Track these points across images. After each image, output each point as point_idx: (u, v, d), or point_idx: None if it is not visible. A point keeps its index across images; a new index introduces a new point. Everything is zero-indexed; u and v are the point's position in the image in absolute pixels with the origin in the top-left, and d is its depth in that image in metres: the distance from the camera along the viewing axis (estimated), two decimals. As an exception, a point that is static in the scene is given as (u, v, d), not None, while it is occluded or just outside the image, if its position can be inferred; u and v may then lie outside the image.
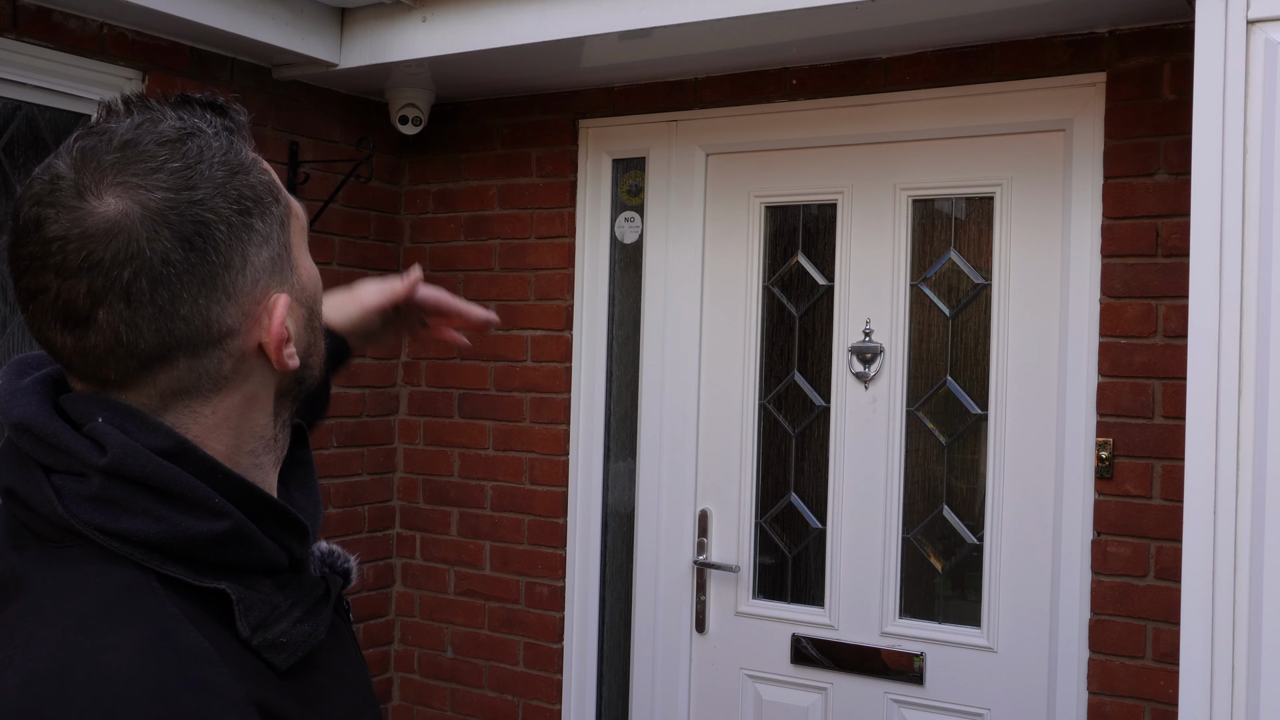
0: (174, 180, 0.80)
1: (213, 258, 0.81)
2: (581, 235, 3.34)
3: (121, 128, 0.81)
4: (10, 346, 2.71)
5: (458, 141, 3.52)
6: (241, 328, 0.83)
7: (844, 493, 2.98)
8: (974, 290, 2.87)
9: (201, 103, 0.86)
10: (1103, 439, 2.63)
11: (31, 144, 2.73)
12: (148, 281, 0.78)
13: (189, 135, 0.82)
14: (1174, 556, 2.54)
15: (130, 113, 0.82)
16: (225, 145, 0.84)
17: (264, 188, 0.86)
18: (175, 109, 0.84)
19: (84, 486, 0.79)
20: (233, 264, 0.82)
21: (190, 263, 0.79)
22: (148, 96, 0.85)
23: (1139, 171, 2.61)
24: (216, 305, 0.81)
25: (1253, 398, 1.93)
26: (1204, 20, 1.99)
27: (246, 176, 0.84)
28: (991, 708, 2.80)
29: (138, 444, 0.79)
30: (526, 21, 2.82)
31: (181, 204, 0.79)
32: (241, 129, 0.87)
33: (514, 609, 3.40)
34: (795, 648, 3.03)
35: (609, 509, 3.35)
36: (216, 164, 0.82)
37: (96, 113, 0.84)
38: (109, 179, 0.79)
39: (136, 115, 0.82)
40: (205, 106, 0.85)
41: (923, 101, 2.88)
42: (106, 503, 0.79)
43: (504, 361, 3.42)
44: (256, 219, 0.84)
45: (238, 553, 0.82)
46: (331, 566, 0.97)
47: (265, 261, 0.85)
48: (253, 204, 0.84)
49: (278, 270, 0.86)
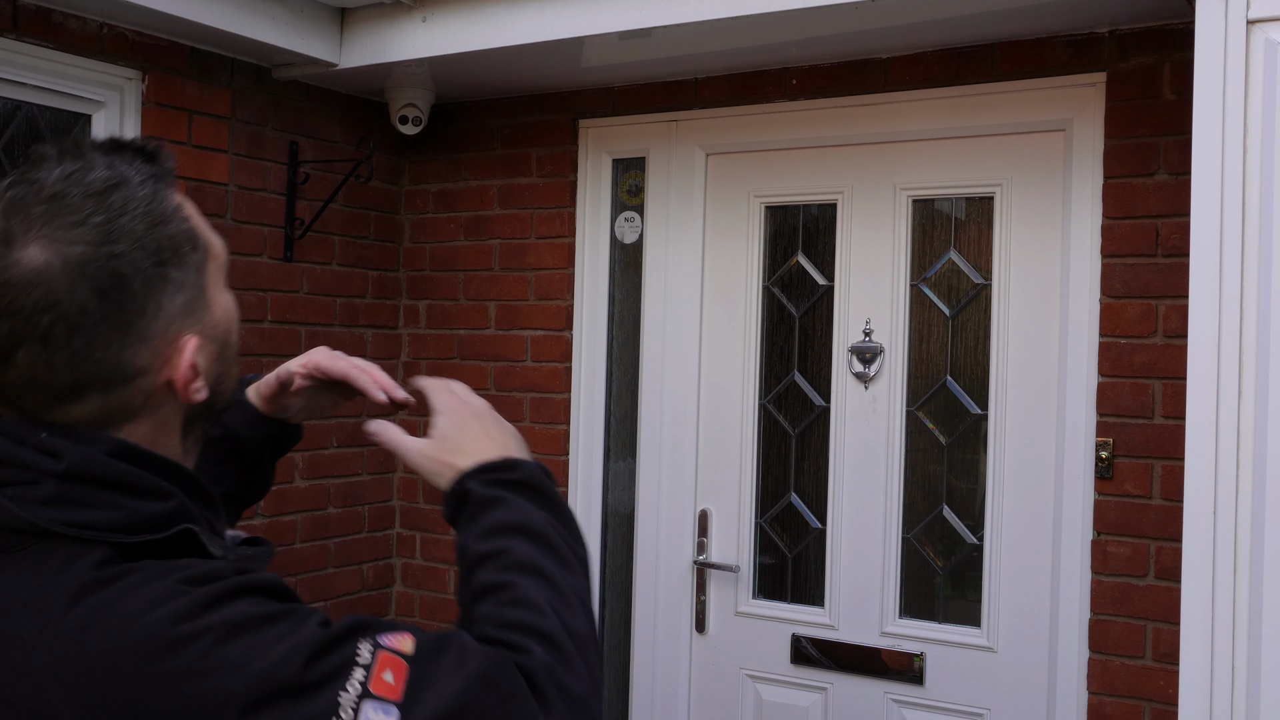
0: (95, 234, 0.86)
1: (128, 306, 0.87)
2: (581, 235, 3.34)
3: (51, 178, 0.87)
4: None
5: (458, 141, 3.52)
6: (153, 367, 0.90)
7: (844, 493, 2.98)
8: (974, 290, 2.87)
9: (133, 148, 0.92)
10: (1103, 439, 2.63)
11: (31, 144, 2.73)
12: (64, 329, 0.85)
13: (114, 187, 0.88)
14: (1174, 556, 2.54)
15: (61, 161, 0.88)
16: (150, 194, 0.90)
17: (183, 237, 0.92)
18: (105, 154, 0.90)
19: (38, 491, 0.86)
20: (146, 311, 0.88)
21: (105, 312, 0.86)
22: (80, 142, 0.91)
23: (1139, 171, 2.61)
24: (129, 349, 0.88)
25: (1253, 398, 1.93)
26: (1204, 20, 1.99)
27: (165, 228, 0.90)
28: (991, 708, 2.80)
29: (89, 449, 0.87)
30: (526, 21, 2.82)
31: (100, 258, 0.86)
32: (168, 175, 0.93)
33: (514, 609, 3.39)
34: (795, 648, 3.03)
35: (609, 509, 3.35)
36: (139, 215, 0.88)
37: (31, 157, 0.90)
38: (34, 230, 0.85)
39: (68, 164, 0.88)
40: (136, 152, 0.92)
41: (923, 101, 2.88)
42: (66, 502, 0.86)
43: (504, 361, 3.42)
44: (172, 268, 0.90)
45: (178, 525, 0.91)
46: (242, 544, 1.05)
47: (179, 306, 0.91)
48: (170, 254, 0.90)
49: (191, 312, 0.93)
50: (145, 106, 2.85)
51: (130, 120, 2.84)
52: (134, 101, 2.85)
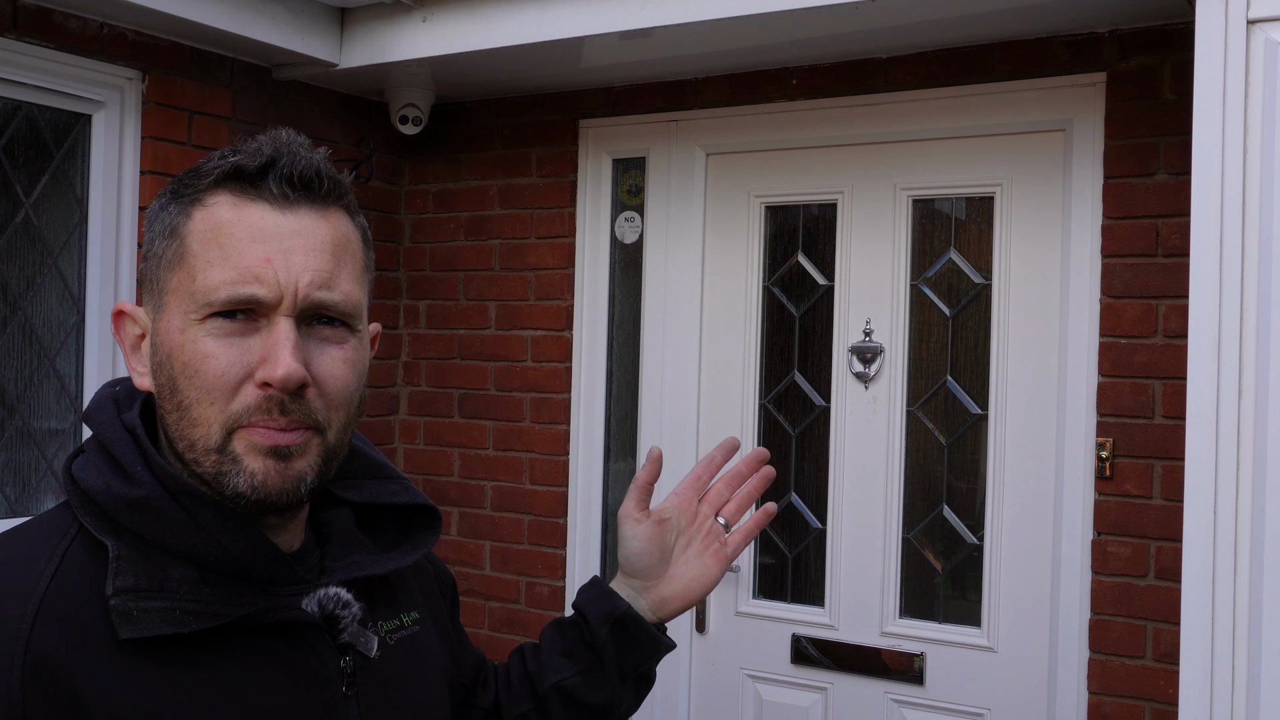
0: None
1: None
2: (581, 235, 3.34)
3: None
4: (10, 346, 2.71)
5: (458, 141, 3.52)
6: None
7: (844, 493, 2.98)
8: (974, 290, 2.87)
9: None
10: (1103, 439, 2.63)
11: (31, 144, 2.73)
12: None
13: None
14: (1174, 556, 2.54)
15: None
16: None
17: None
18: None
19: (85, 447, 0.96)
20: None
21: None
22: None
23: (1139, 171, 2.61)
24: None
25: (1253, 398, 1.93)
26: (1204, 20, 1.99)
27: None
28: (991, 708, 2.80)
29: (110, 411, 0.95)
30: (526, 21, 2.82)
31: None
32: None
33: (514, 609, 3.40)
34: (795, 648, 3.03)
35: (609, 509, 3.35)
36: None
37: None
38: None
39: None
40: None
41: (923, 101, 2.88)
42: (81, 453, 0.95)
43: (504, 361, 3.42)
44: None
45: (152, 525, 0.89)
46: (327, 609, 0.97)
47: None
48: None
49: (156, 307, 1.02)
50: (145, 106, 2.85)
51: (130, 120, 2.84)
52: (134, 101, 2.85)
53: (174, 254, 0.91)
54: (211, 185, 0.92)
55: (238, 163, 0.91)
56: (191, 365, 0.89)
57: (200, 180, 0.92)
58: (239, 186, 0.91)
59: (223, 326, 0.89)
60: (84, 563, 0.88)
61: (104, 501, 0.90)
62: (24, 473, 2.75)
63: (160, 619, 0.86)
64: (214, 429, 0.89)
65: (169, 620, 0.86)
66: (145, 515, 0.89)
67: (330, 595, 0.97)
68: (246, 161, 0.91)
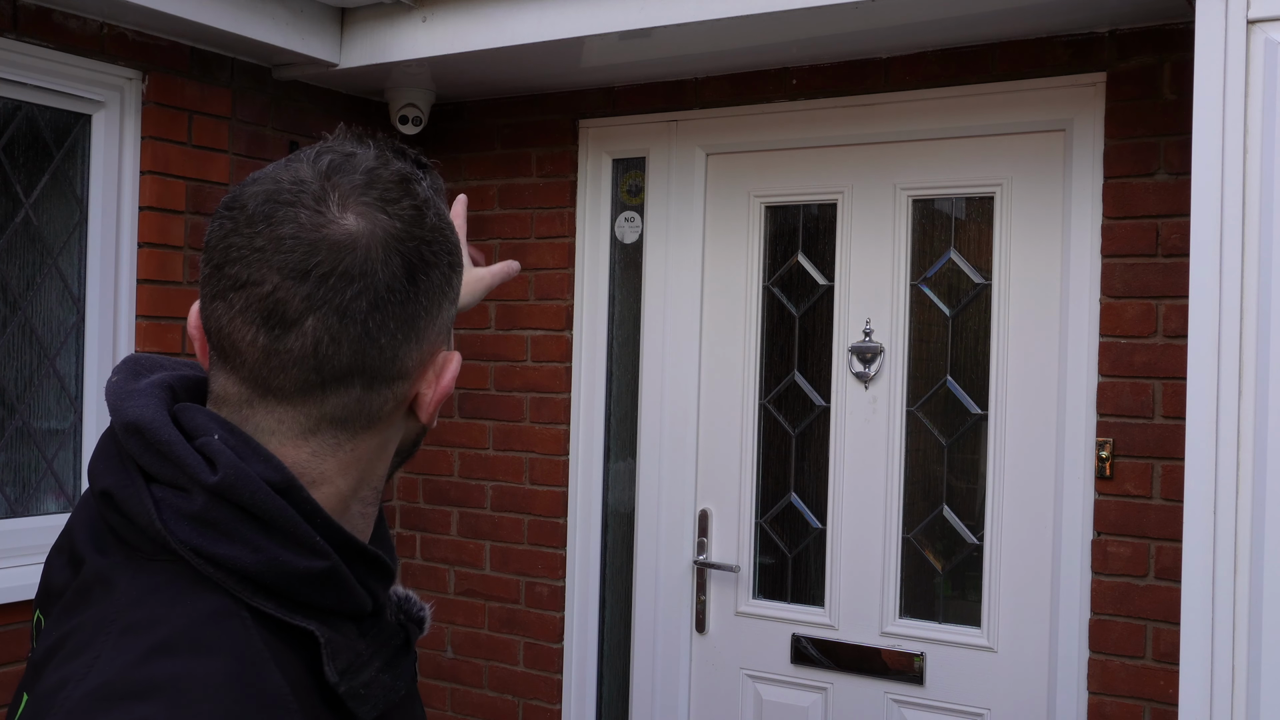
0: (409, 216, 0.81)
1: (422, 299, 0.82)
2: (581, 235, 3.34)
3: (364, 155, 0.83)
4: (10, 346, 2.71)
5: (458, 141, 3.52)
6: (413, 374, 0.84)
7: (844, 493, 2.98)
8: (974, 290, 2.87)
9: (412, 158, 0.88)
10: (1103, 439, 2.63)
11: (31, 144, 2.73)
12: (368, 302, 0.78)
13: (416, 180, 0.84)
14: (1174, 556, 2.54)
15: (366, 146, 0.84)
16: (436, 201, 0.85)
17: (460, 250, 0.88)
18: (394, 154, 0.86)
19: (186, 503, 0.77)
20: (430, 311, 0.83)
21: (407, 296, 0.80)
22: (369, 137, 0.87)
23: (1139, 171, 2.61)
24: (407, 345, 0.82)
25: (1253, 398, 1.93)
26: (1204, 20, 1.99)
27: (453, 234, 0.86)
28: (991, 708, 2.80)
29: (249, 469, 0.77)
30: (526, 21, 2.82)
31: (414, 239, 0.81)
32: (441, 192, 0.89)
33: (514, 609, 3.40)
34: (795, 648, 3.03)
35: (609, 509, 3.35)
36: (439, 214, 0.84)
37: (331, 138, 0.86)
38: (355, 197, 0.80)
39: (373, 150, 0.84)
40: (414, 162, 0.87)
41: (923, 101, 2.88)
42: (207, 524, 0.76)
43: (504, 361, 3.42)
44: (456, 276, 0.86)
45: (329, 595, 0.80)
46: (407, 614, 0.94)
47: (447, 319, 0.86)
48: (456, 260, 0.86)
49: (448, 330, 0.87)
50: (145, 106, 2.85)
51: (130, 120, 2.84)
52: (134, 101, 2.85)
53: None
54: None
55: None
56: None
57: None
58: None
59: None
60: (283, 652, 0.76)
61: (270, 579, 0.77)
62: (24, 473, 2.75)
63: (387, 687, 0.83)
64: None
65: (393, 689, 0.83)
66: (323, 586, 0.79)
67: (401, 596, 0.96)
68: None
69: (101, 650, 0.73)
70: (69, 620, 0.78)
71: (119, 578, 0.78)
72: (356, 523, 0.87)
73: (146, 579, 0.77)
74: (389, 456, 0.89)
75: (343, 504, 0.85)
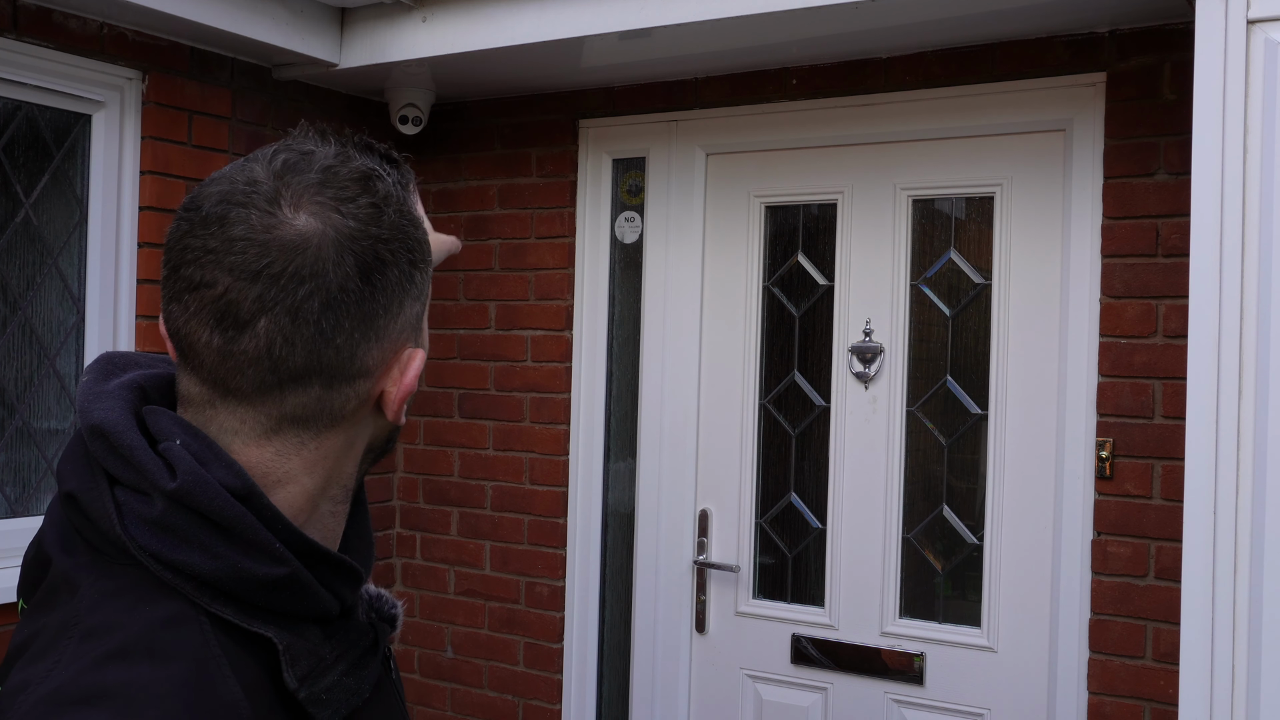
0: (366, 214, 0.81)
1: (380, 297, 0.81)
2: (581, 235, 3.34)
3: (322, 153, 0.82)
4: (10, 346, 2.71)
5: (458, 141, 3.52)
6: (375, 372, 0.84)
7: (844, 493, 2.98)
8: (974, 290, 2.87)
9: (379, 152, 0.87)
10: (1103, 439, 2.64)
11: (31, 144, 2.73)
12: (319, 303, 0.78)
13: (377, 177, 0.83)
14: (1174, 556, 2.54)
15: (324, 142, 0.84)
16: (401, 196, 0.85)
17: (426, 246, 0.87)
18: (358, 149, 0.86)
19: (147, 508, 0.77)
20: (390, 309, 0.83)
21: (362, 295, 0.80)
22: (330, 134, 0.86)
23: (1139, 171, 2.61)
24: (365, 344, 0.82)
25: (1253, 398, 1.93)
26: (1204, 20, 1.99)
27: (416, 230, 0.86)
28: (991, 708, 2.80)
29: (209, 475, 0.77)
30: (526, 21, 2.82)
31: (369, 238, 0.80)
32: (411, 185, 0.89)
33: (514, 609, 3.40)
34: (795, 648, 3.03)
35: (609, 509, 3.35)
36: (399, 211, 0.83)
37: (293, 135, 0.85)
38: (308, 197, 0.80)
39: (331, 146, 0.84)
40: (383, 157, 0.87)
41: (923, 101, 2.88)
42: (166, 529, 0.77)
43: (504, 361, 3.42)
44: (419, 273, 0.85)
45: (290, 600, 0.80)
46: (379, 612, 0.94)
47: (412, 316, 0.86)
48: (420, 258, 0.85)
49: (415, 327, 0.87)
50: (145, 106, 2.85)
51: (130, 120, 2.84)
52: (134, 101, 2.85)
53: None
54: None
55: None
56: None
57: None
58: None
59: None
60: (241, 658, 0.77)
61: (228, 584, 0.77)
62: (24, 473, 2.75)
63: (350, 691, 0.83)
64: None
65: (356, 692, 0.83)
66: (283, 592, 0.80)
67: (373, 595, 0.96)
68: None
69: (62, 655, 0.74)
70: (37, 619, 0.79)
71: (82, 580, 0.78)
72: (327, 522, 0.87)
73: (108, 583, 0.77)
74: (358, 454, 0.88)
75: (311, 503, 0.85)
